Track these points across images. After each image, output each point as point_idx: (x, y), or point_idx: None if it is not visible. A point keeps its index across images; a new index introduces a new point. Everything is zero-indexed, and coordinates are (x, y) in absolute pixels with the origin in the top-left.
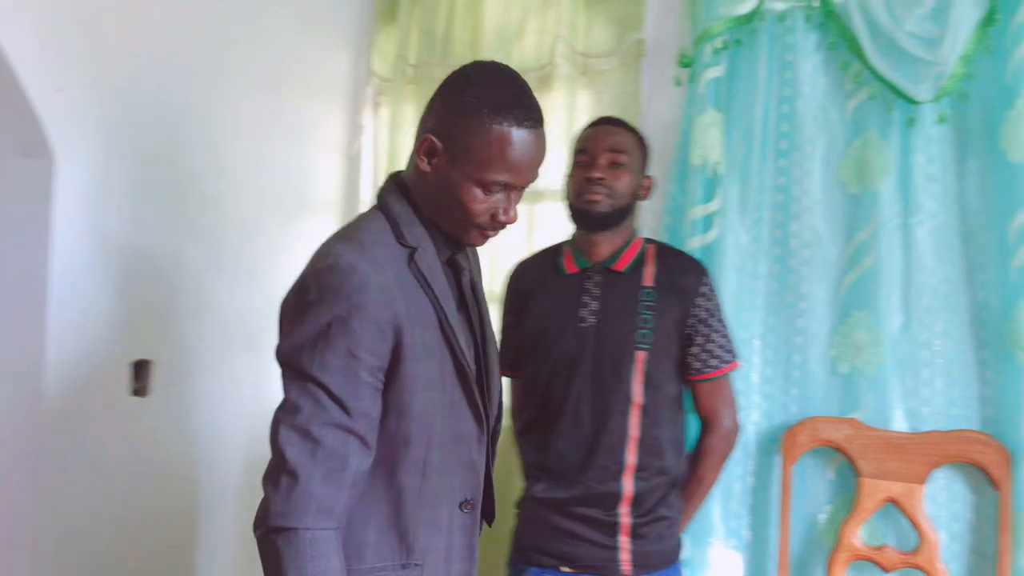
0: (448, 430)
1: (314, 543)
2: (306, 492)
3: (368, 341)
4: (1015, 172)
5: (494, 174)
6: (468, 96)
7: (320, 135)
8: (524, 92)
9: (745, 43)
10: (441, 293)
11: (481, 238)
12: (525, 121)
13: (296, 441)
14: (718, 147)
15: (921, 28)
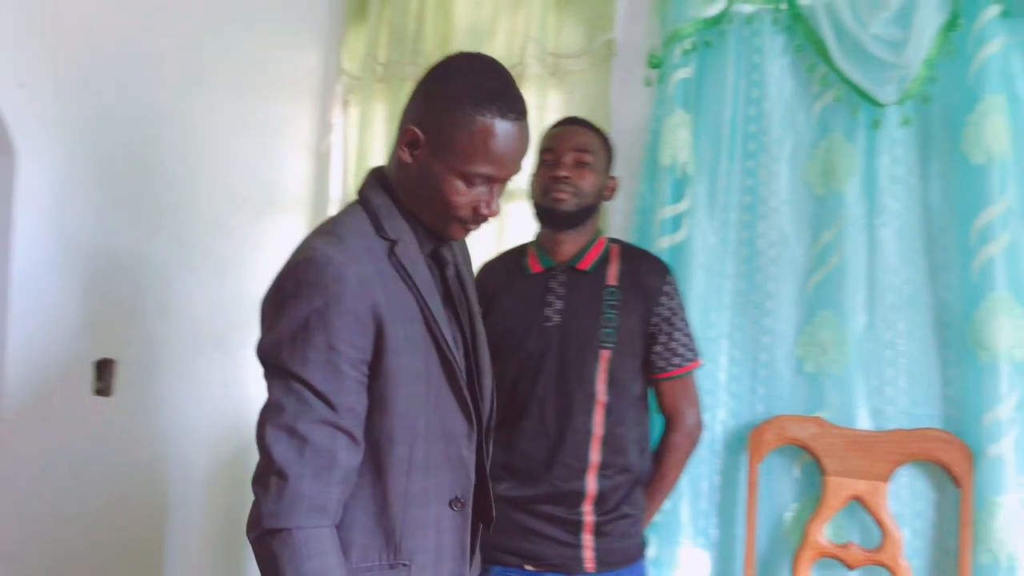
0: (435, 426)
1: (309, 542)
2: (296, 491)
3: (348, 333)
4: (976, 174)
5: (476, 166)
6: (451, 87)
7: (289, 133)
8: (508, 84)
9: (714, 45)
10: (424, 286)
11: (462, 231)
12: (509, 113)
13: (283, 440)
14: (687, 148)
15: (886, 31)
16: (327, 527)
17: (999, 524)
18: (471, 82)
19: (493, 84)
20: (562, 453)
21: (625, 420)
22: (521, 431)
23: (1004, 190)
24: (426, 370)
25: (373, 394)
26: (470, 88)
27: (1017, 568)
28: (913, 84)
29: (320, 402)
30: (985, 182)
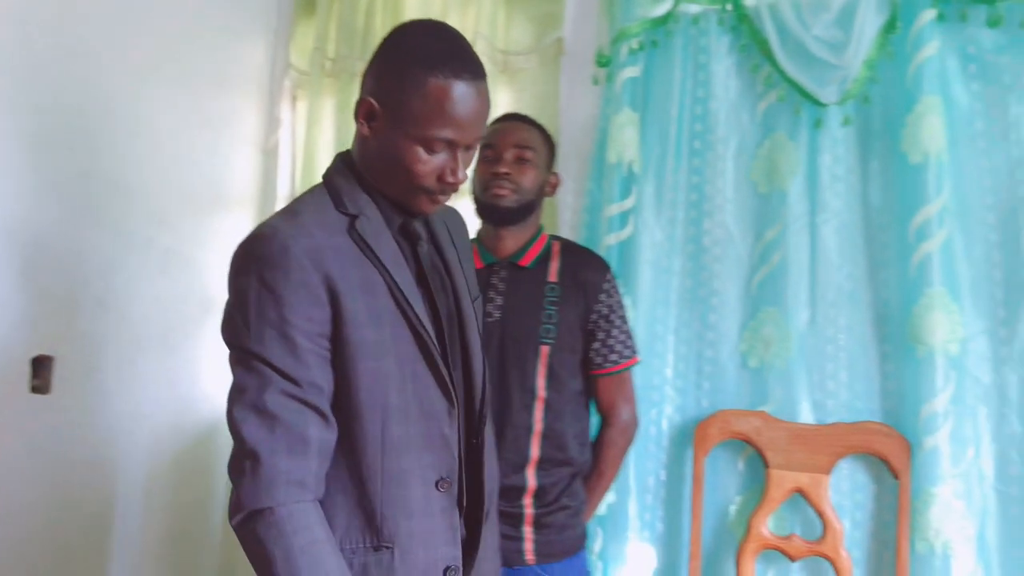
0: (411, 404)
1: (292, 518)
2: (272, 468)
3: (300, 306)
4: (914, 173)
5: (434, 130)
6: (403, 52)
7: (236, 128)
8: (460, 45)
9: (661, 44)
10: (390, 261)
11: (430, 203)
12: (463, 73)
13: (251, 420)
14: (634, 146)
15: (827, 33)
16: (309, 502)
17: (935, 514)
18: (422, 44)
19: (444, 45)
20: (502, 448)
21: (564, 415)
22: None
23: (940, 189)
24: (394, 345)
25: (337, 369)
26: (421, 51)
27: (952, 556)
28: (854, 85)
29: (281, 378)
30: (922, 181)
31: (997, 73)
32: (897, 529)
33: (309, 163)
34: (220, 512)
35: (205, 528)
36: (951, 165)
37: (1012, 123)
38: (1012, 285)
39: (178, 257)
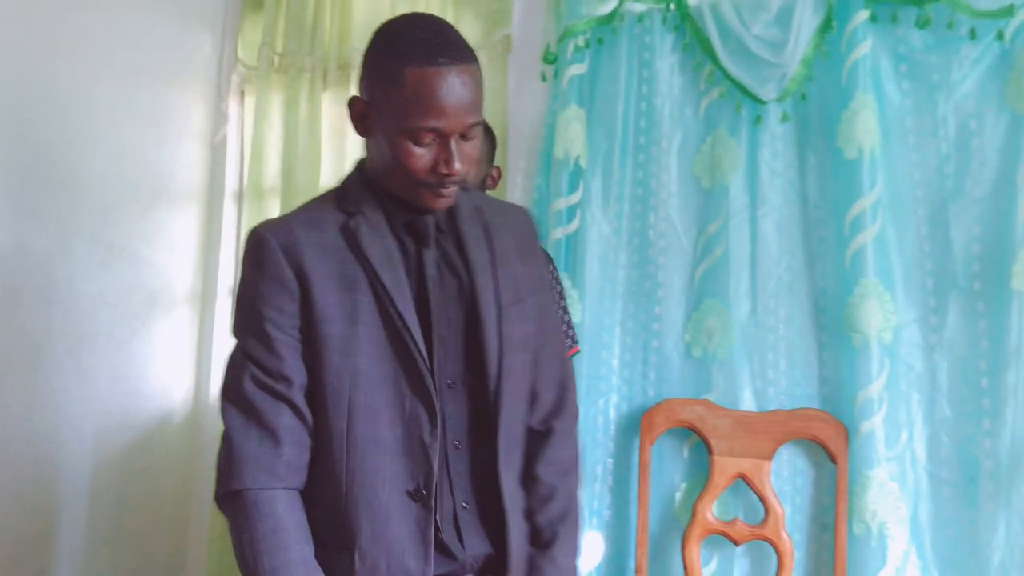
0: (383, 405)
1: (258, 503)
2: (242, 454)
3: (272, 298)
4: (849, 168)
5: (417, 120)
6: (381, 47)
7: (182, 122)
8: (437, 31)
9: (606, 42)
10: (378, 258)
11: (434, 198)
12: (439, 58)
13: (229, 407)
14: (580, 141)
15: (767, 32)
16: (279, 489)
17: (871, 496)
18: (398, 36)
19: (418, 32)
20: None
21: None
22: None
23: (874, 183)
24: (368, 343)
25: (306, 362)
26: (397, 43)
27: (887, 537)
28: (791, 82)
29: (257, 368)
30: (857, 175)
31: (926, 72)
32: (835, 512)
33: (257, 158)
34: (169, 510)
35: (154, 526)
36: (884, 160)
37: (940, 120)
38: (941, 275)
39: (123, 252)
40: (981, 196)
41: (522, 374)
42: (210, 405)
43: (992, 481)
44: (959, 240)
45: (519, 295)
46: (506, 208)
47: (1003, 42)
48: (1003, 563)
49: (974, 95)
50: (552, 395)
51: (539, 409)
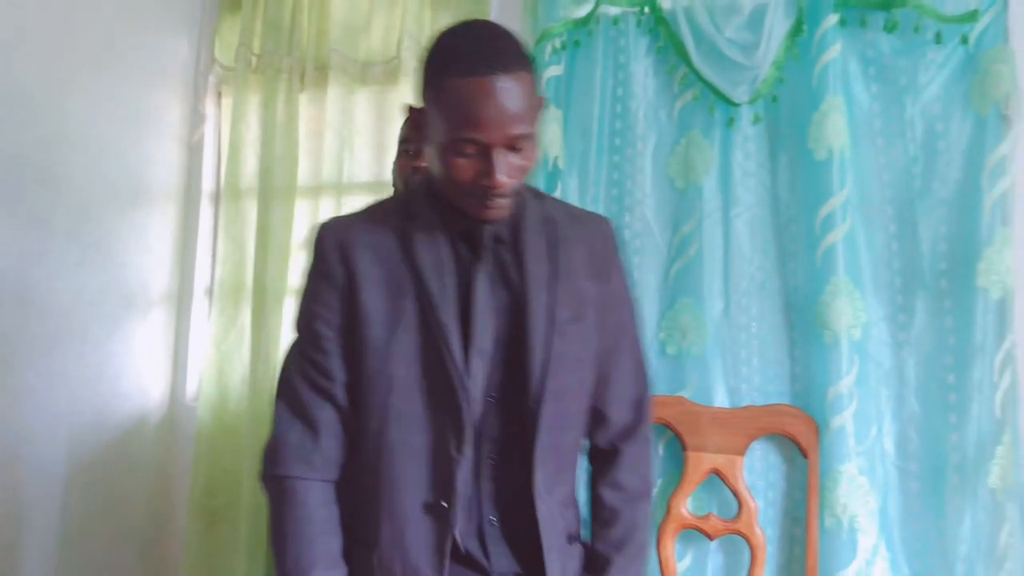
0: (416, 413)
1: (293, 491)
2: (284, 442)
3: (322, 294)
4: (819, 168)
5: (457, 131)
6: (429, 57)
7: (159, 122)
8: (483, 39)
9: (582, 44)
10: (427, 265)
11: (483, 208)
12: (479, 67)
13: (280, 397)
14: (558, 142)
15: (739, 36)
16: (315, 480)
17: (842, 490)
18: (443, 45)
19: (460, 42)
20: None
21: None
22: None
23: (843, 183)
24: (408, 350)
25: (348, 361)
26: (441, 52)
27: (858, 530)
28: (763, 85)
29: (306, 362)
30: (827, 176)
31: (894, 75)
32: (807, 506)
33: (234, 159)
34: (143, 512)
35: (128, 528)
36: (853, 161)
37: (907, 122)
38: (909, 274)
39: (99, 251)
40: (947, 196)
41: (575, 394)
42: (186, 406)
43: (958, 474)
44: (926, 239)
45: (580, 312)
46: (584, 219)
47: (967, 46)
48: (968, 554)
49: (940, 98)
50: (623, 417)
51: (608, 429)
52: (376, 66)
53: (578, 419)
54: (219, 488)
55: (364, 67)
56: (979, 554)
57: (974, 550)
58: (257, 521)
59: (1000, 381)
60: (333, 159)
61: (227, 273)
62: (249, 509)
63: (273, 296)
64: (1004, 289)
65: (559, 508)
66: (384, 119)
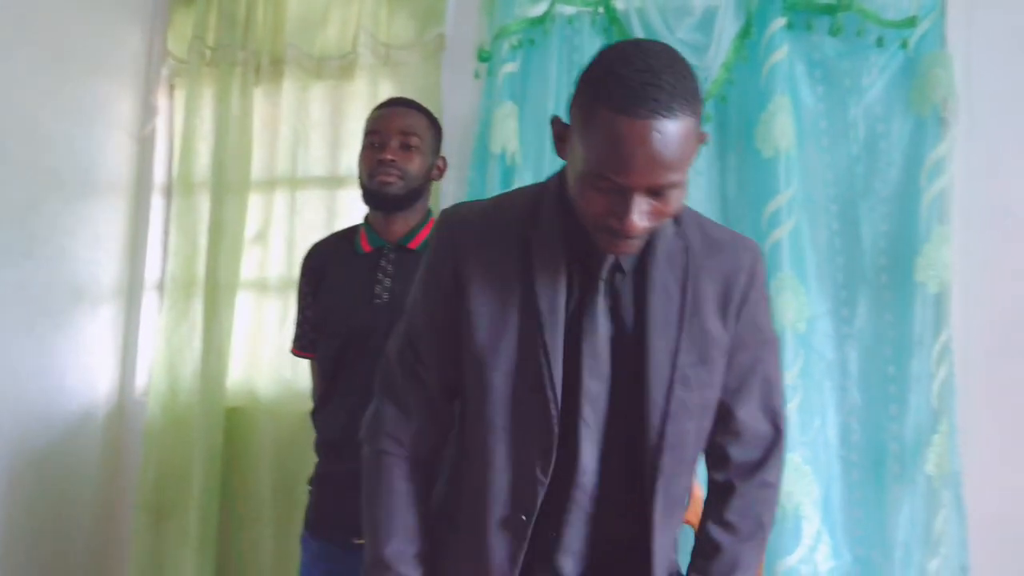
0: (506, 424)
1: (380, 465)
2: (379, 419)
3: (430, 288)
4: (766, 167)
5: (598, 166)
6: (588, 74)
7: (109, 114)
8: (645, 70)
9: (538, 43)
10: (541, 280)
11: (612, 243)
12: (638, 107)
13: (381, 369)
14: (515, 137)
15: (690, 37)
16: (403, 457)
17: (787, 479)
18: (603, 65)
19: (625, 69)
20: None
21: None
22: (348, 407)
23: (789, 181)
24: (508, 363)
25: (451, 356)
26: (599, 72)
27: (802, 517)
28: (713, 85)
29: (408, 345)
30: (773, 174)
31: (838, 77)
32: None
33: (187, 153)
34: (89, 509)
35: (74, 526)
36: (799, 160)
37: (851, 123)
38: (851, 270)
39: (46, 243)
40: (888, 195)
41: (694, 441)
42: (135, 401)
43: (898, 463)
44: (868, 236)
45: (706, 354)
46: (723, 247)
47: (907, 51)
48: (907, 540)
49: (882, 100)
50: (745, 455)
51: (727, 467)
52: (332, 61)
53: (694, 463)
54: (168, 483)
55: (320, 62)
56: (916, 539)
57: (912, 535)
58: (207, 516)
59: (937, 372)
60: (288, 153)
61: (178, 267)
62: (199, 504)
63: (226, 290)
64: (941, 284)
65: (667, 551)
66: (340, 114)
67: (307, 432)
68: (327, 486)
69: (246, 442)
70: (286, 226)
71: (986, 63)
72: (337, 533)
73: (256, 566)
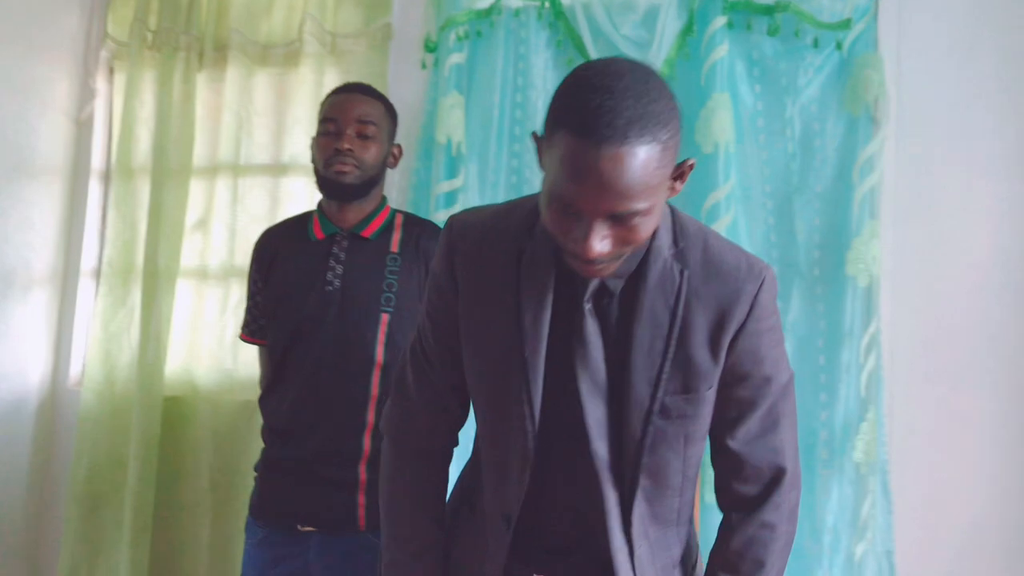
0: (500, 427)
1: (391, 450)
2: (391, 407)
3: (432, 292)
4: (705, 162)
5: (557, 187)
6: (558, 91)
7: (45, 95)
8: (606, 91)
9: (485, 35)
10: (530, 292)
11: (579, 265)
12: (592, 130)
13: (399, 365)
14: (461, 127)
15: (634, 33)
16: (410, 446)
17: None
18: (567, 85)
19: (583, 92)
20: (339, 414)
21: None
22: (297, 393)
23: (728, 176)
24: (494, 376)
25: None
26: (563, 93)
27: None
28: None
29: (418, 344)
30: (713, 169)
31: (776, 76)
32: None
33: (126, 137)
34: (20, 499)
35: (4, 515)
36: (737, 156)
37: (787, 121)
38: (785, 264)
39: None
40: (822, 191)
41: (678, 469)
42: (68, 390)
43: (827, 449)
44: (802, 230)
45: (691, 385)
46: (725, 273)
47: (841, 52)
48: (835, 524)
49: (817, 99)
50: (747, 490)
51: (727, 496)
52: (277, 48)
53: (685, 484)
54: (103, 473)
55: (265, 49)
56: (844, 524)
57: (840, 520)
58: (142, 506)
59: (865, 363)
60: (230, 140)
61: (116, 253)
62: (134, 494)
63: (165, 277)
64: (871, 277)
65: (658, 561)
66: (284, 101)
67: (247, 421)
68: (273, 472)
69: (184, 432)
70: (228, 213)
71: (915, 65)
72: (282, 519)
73: (193, 556)
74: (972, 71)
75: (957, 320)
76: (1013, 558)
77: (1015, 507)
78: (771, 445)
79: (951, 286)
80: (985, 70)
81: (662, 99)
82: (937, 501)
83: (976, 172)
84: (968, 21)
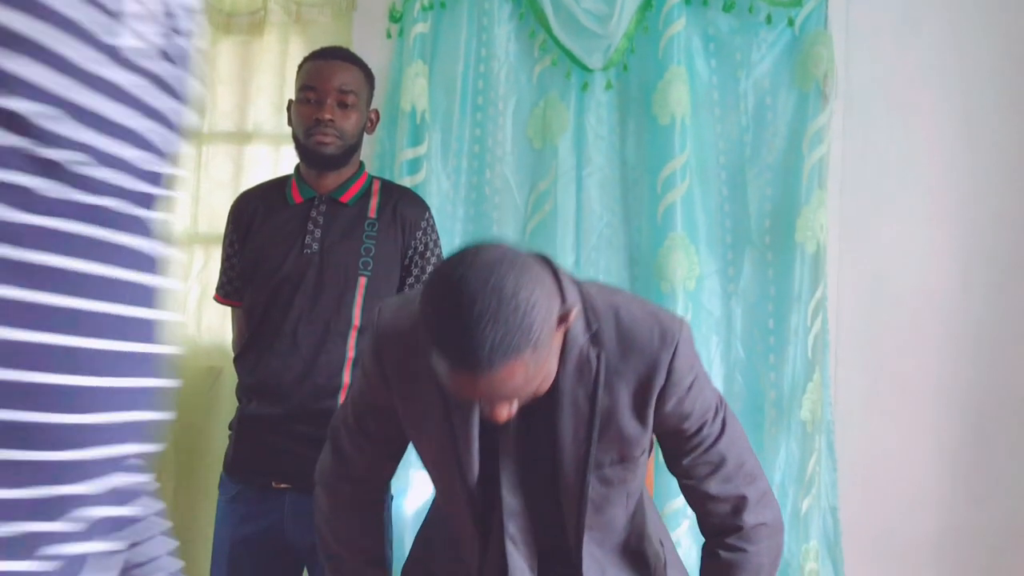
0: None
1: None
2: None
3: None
4: (662, 133)
5: (450, 385)
6: (425, 307)
7: None
8: (465, 324)
9: (448, 5)
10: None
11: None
12: (459, 365)
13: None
14: (425, 95)
15: (595, 7)
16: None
17: None
18: (434, 315)
19: (445, 325)
20: (315, 374)
21: None
22: (273, 352)
23: (683, 147)
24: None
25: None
26: (431, 321)
27: None
28: (615, 53)
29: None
30: (669, 140)
31: (731, 52)
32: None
33: None
34: None
35: None
36: (693, 128)
37: (741, 95)
38: (738, 232)
39: None
40: (773, 162)
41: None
42: None
43: (775, 409)
44: (754, 200)
45: (627, 454)
46: (640, 345)
47: (793, 29)
48: (782, 481)
49: (769, 74)
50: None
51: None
52: (241, 17)
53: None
54: None
55: (229, 17)
56: (791, 480)
57: (787, 477)
58: None
59: (812, 326)
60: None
61: None
62: None
63: None
64: (818, 244)
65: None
66: (248, 69)
67: (211, 386)
68: (248, 430)
69: None
70: (191, 181)
71: (862, 43)
72: (257, 476)
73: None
74: (916, 48)
75: (900, 285)
76: (951, 514)
77: (953, 465)
78: (724, 477)
79: (894, 252)
80: (929, 48)
81: (523, 306)
82: (879, 459)
83: (919, 144)
84: (914, 1)
